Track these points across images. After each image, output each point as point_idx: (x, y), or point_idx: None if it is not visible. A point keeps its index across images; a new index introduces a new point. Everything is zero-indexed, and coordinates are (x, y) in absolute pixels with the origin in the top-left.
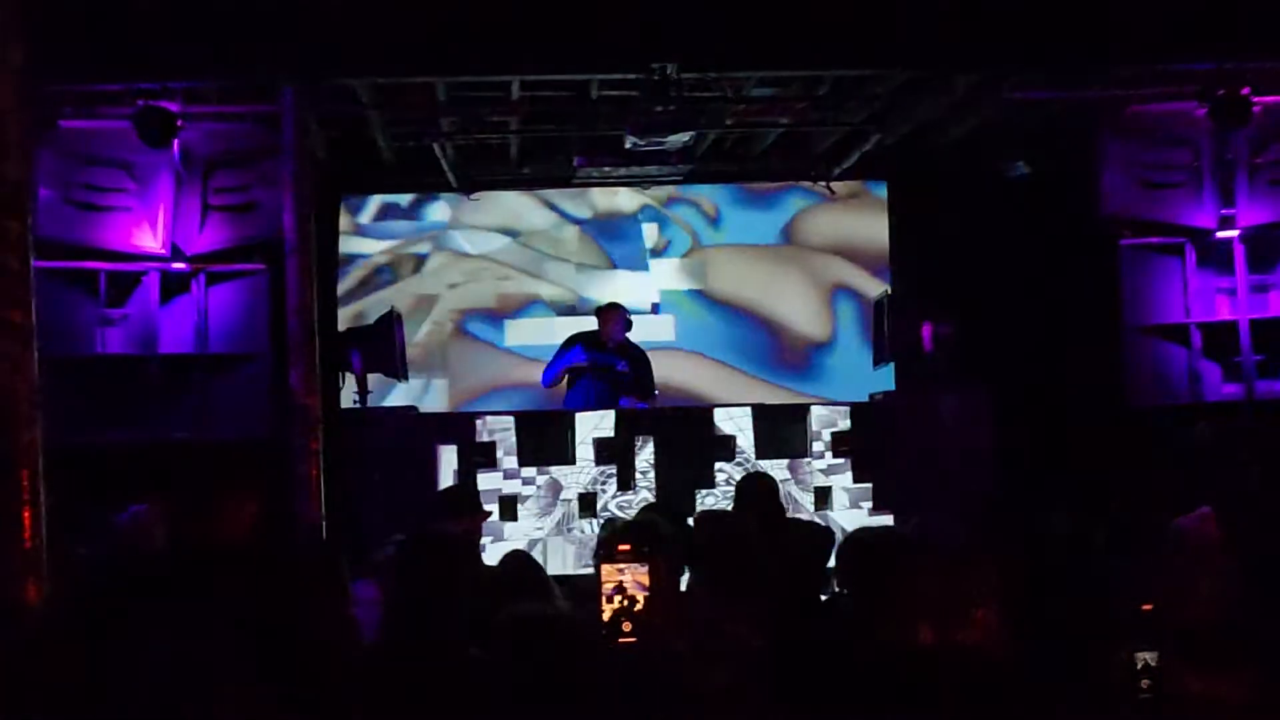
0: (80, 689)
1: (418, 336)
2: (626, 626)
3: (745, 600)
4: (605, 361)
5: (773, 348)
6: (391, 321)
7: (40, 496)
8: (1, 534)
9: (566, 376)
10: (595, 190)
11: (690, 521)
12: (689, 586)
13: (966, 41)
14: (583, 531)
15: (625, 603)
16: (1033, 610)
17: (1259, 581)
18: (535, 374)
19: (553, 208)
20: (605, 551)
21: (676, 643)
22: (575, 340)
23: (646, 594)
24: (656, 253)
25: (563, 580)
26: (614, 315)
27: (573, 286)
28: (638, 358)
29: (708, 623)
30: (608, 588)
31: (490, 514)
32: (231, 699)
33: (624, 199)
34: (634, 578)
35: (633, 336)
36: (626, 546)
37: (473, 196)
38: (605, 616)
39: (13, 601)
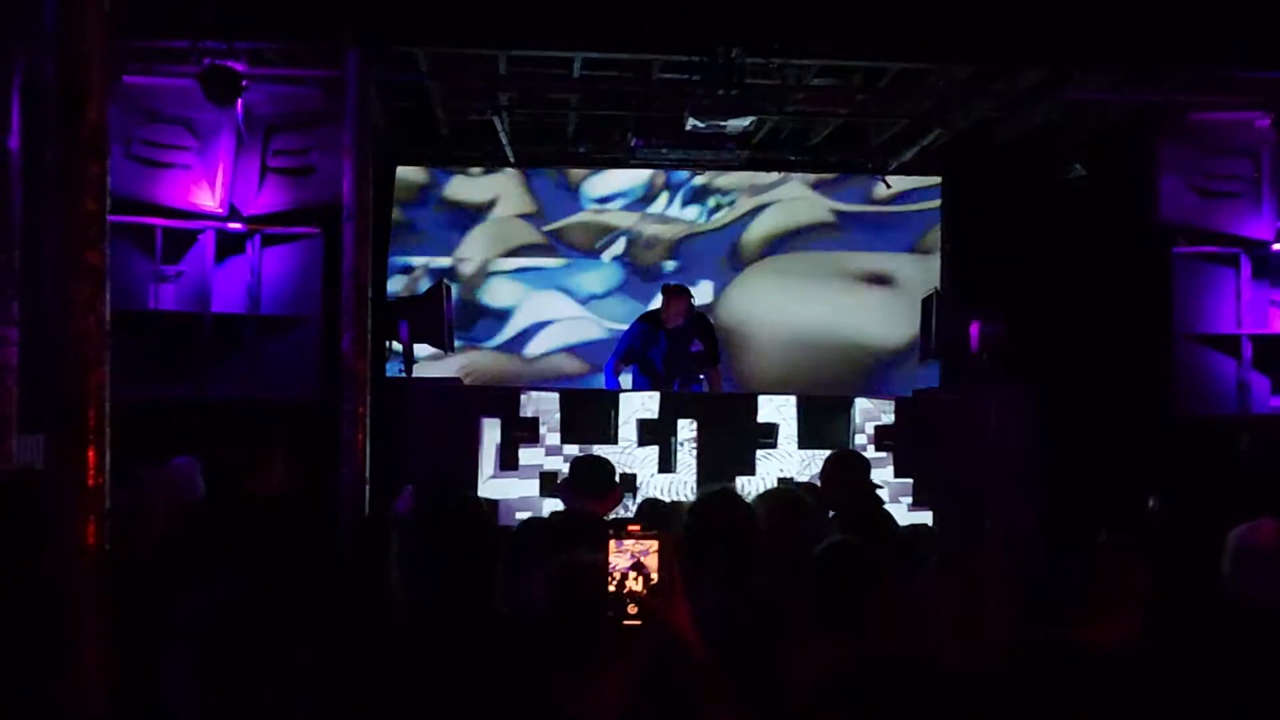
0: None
1: None
2: (633, 609)
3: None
4: (679, 344)
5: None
6: (441, 292)
7: (106, 437)
8: (66, 472)
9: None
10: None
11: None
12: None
13: (1030, 38)
14: (626, 509)
15: (634, 583)
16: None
17: None
18: None
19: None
20: (615, 530)
21: None
22: (643, 327)
23: (655, 575)
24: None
25: None
26: (678, 295)
27: None
28: (705, 330)
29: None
30: (615, 567)
31: (623, 496)
32: (276, 654)
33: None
34: (643, 558)
35: None
36: (636, 526)
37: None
38: (610, 595)
39: (73, 540)
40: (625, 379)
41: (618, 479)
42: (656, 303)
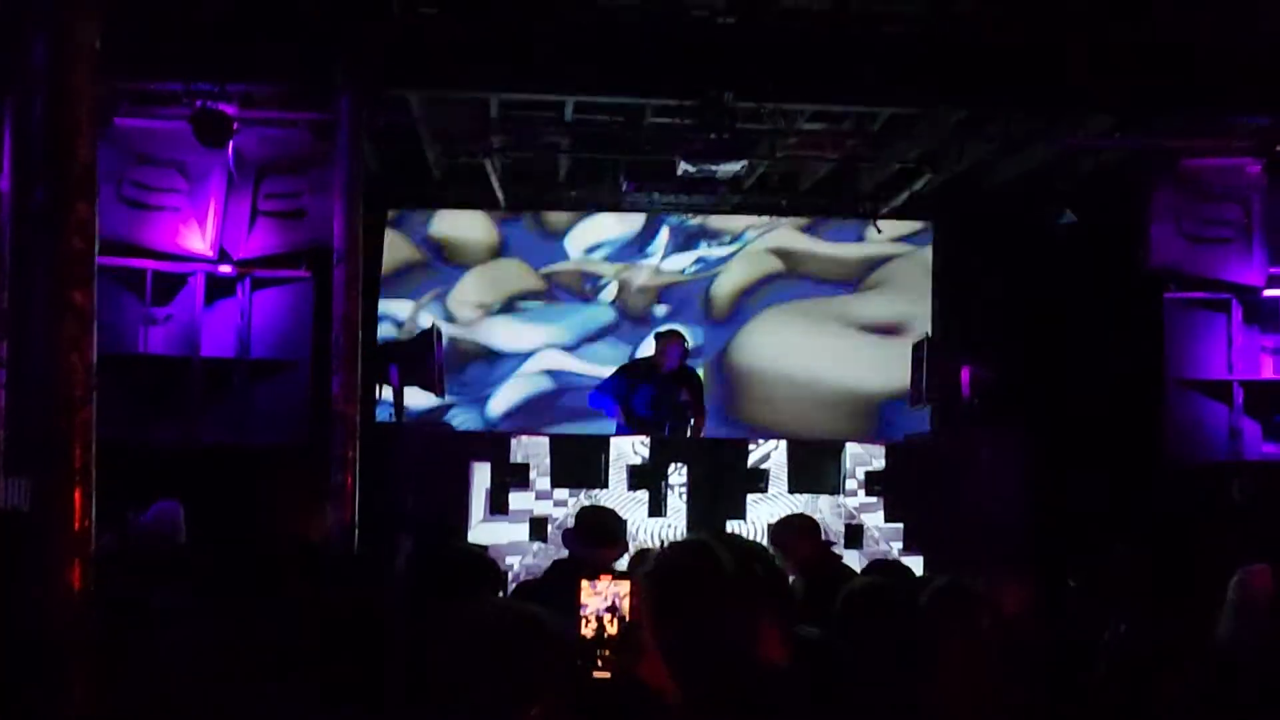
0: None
1: None
2: (601, 661)
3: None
4: (666, 392)
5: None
6: (432, 337)
7: (91, 479)
8: (51, 514)
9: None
10: None
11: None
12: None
13: (1021, 82)
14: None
15: (610, 625)
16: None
17: None
18: None
19: None
20: (589, 572)
21: None
22: (635, 368)
23: (626, 619)
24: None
25: None
26: (672, 341)
27: None
28: (694, 383)
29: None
30: (589, 609)
31: (628, 548)
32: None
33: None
34: (618, 600)
35: None
36: (608, 576)
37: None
38: (583, 640)
39: (59, 584)
40: (609, 421)
41: (625, 529)
42: (645, 349)
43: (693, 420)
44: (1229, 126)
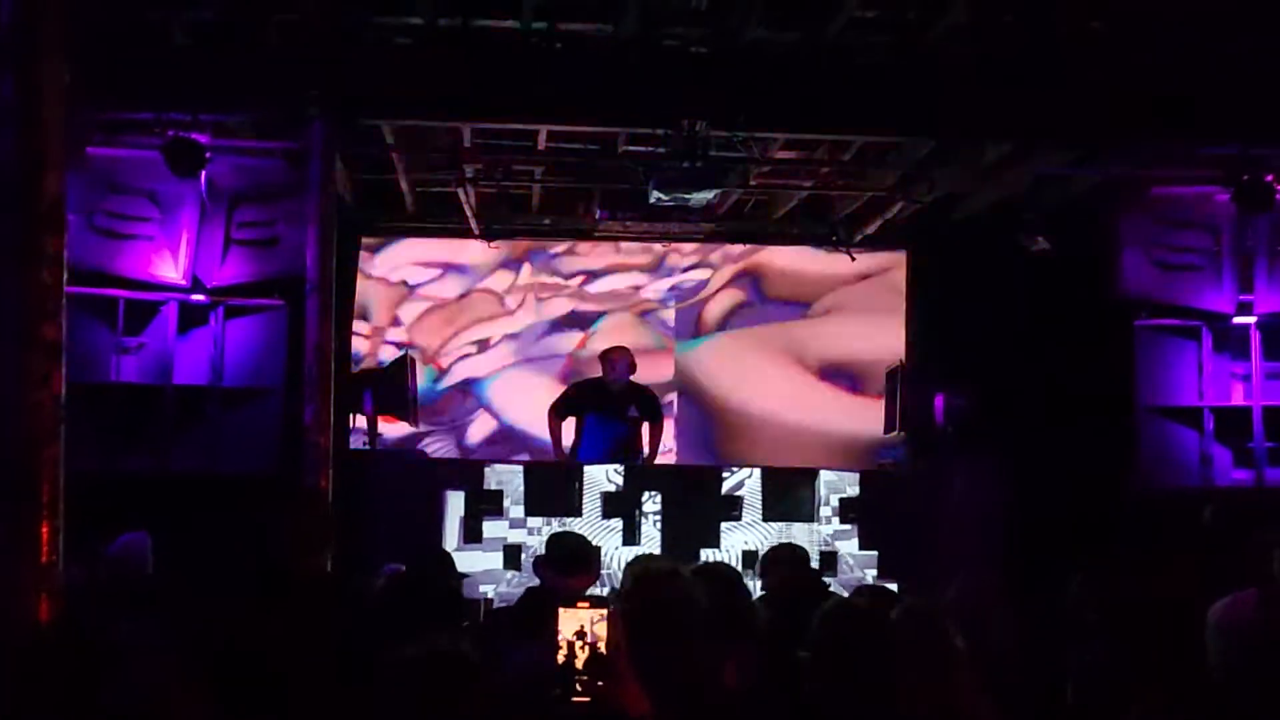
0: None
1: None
2: (580, 685)
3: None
4: (615, 409)
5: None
6: (405, 365)
7: (59, 512)
8: (18, 547)
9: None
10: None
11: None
12: None
13: (994, 112)
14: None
15: (583, 652)
16: None
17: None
18: None
19: None
20: (564, 600)
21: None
22: (584, 386)
23: (604, 647)
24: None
25: None
26: (619, 356)
27: None
28: (647, 399)
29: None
30: (564, 637)
31: (600, 575)
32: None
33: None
34: (591, 628)
35: None
36: (585, 603)
37: (492, 244)
38: (560, 666)
39: (23, 617)
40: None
41: (598, 555)
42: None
43: (647, 436)
44: (1197, 156)
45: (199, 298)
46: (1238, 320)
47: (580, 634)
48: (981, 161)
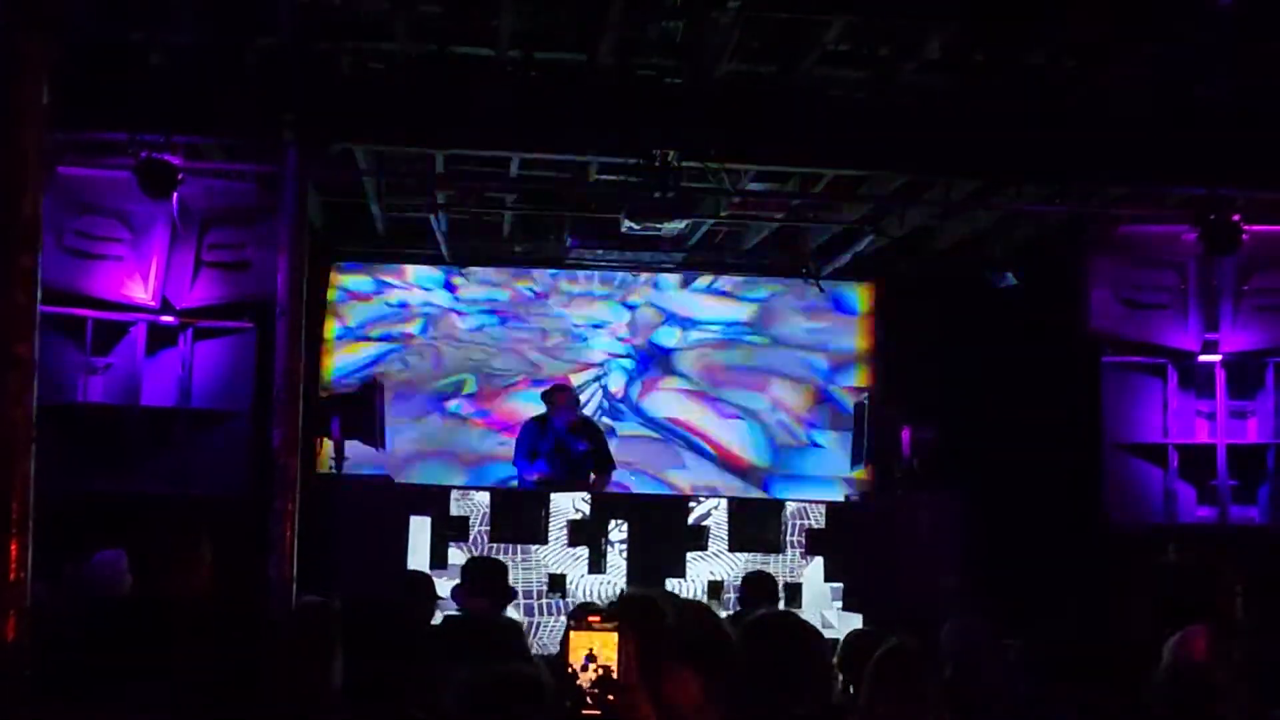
0: None
1: None
2: (590, 700)
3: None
4: (563, 445)
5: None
6: (373, 390)
7: (29, 530)
8: None
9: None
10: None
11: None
12: None
13: (963, 149)
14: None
15: (591, 673)
16: None
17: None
18: None
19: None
20: (576, 620)
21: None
22: (532, 426)
23: (614, 668)
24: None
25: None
26: (561, 398)
27: None
28: (593, 433)
29: None
30: (577, 657)
31: (516, 597)
32: None
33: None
34: (599, 649)
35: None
36: (596, 617)
37: (463, 271)
38: (574, 687)
39: None
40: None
41: (509, 580)
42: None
43: (593, 475)
44: (1165, 195)
45: (168, 319)
46: (1203, 358)
47: (592, 652)
48: (951, 197)
